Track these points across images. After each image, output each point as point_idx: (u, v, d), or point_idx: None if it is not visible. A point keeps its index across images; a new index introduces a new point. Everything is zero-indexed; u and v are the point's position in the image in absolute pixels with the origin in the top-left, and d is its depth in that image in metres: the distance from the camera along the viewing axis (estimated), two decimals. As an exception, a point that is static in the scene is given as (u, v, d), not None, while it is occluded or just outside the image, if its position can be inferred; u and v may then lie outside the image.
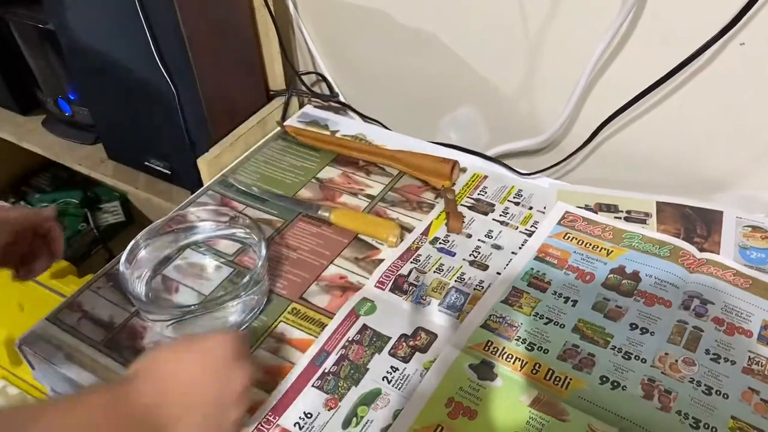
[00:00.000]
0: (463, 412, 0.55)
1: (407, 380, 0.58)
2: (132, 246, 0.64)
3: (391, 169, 0.82)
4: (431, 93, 0.90)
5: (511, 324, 0.61)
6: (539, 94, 0.80)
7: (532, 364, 0.58)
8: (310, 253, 0.71)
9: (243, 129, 0.87)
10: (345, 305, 0.64)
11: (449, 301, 0.64)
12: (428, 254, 0.69)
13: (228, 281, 0.66)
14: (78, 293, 0.68)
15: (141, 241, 0.65)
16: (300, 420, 0.55)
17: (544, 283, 0.65)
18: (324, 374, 0.59)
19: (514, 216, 0.74)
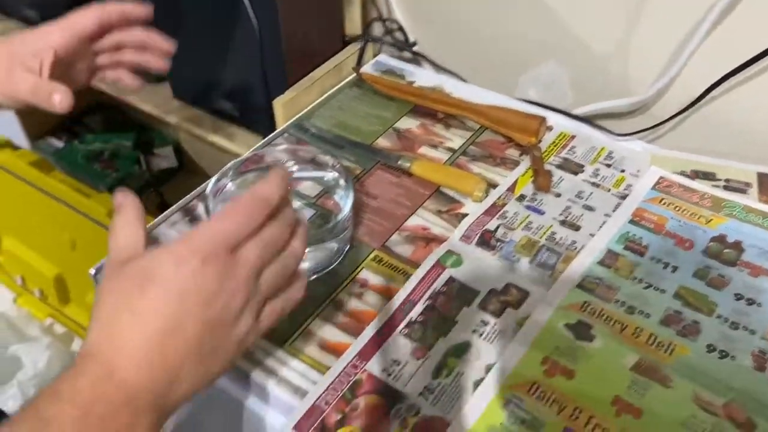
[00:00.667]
0: (560, 371, 0.52)
1: (499, 335, 0.55)
2: (219, 176, 0.62)
3: (471, 122, 0.79)
4: (513, 46, 0.86)
5: (609, 286, 0.58)
6: (636, 53, 0.76)
7: (633, 327, 0.55)
8: (390, 202, 0.68)
9: (319, 73, 0.85)
10: (430, 256, 0.62)
11: (540, 259, 0.61)
12: (515, 211, 0.67)
13: (310, 222, 0.64)
14: (154, 226, 0.66)
15: (229, 172, 0.63)
16: (388, 366, 0.53)
17: (641, 247, 0.62)
18: (411, 323, 0.56)
19: (606, 178, 0.70)
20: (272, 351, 0.55)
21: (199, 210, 0.68)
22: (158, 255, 0.39)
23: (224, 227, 0.39)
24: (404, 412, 0.50)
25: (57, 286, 1.27)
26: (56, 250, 1.22)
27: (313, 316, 0.57)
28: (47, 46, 0.53)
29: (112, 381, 0.36)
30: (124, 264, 0.39)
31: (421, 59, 0.93)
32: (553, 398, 0.51)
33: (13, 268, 1.35)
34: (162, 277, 0.37)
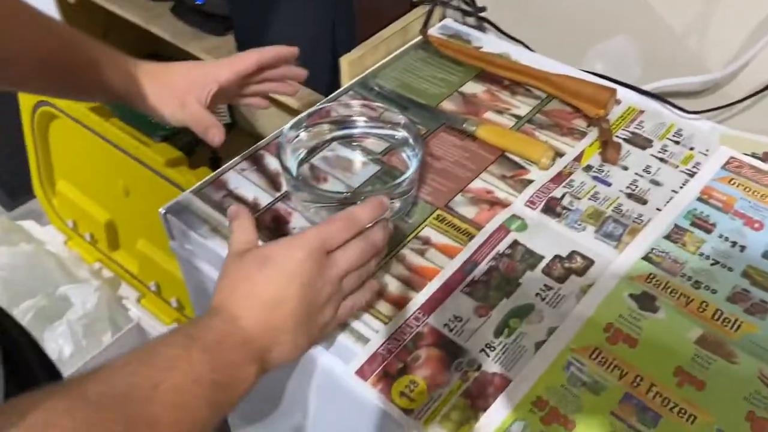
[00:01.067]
0: (623, 338, 0.52)
1: (562, 300, 0.55)
2: (292, 125, 0.62)
3: (537, 91, 0.78)
4: (583, 17, 0.84)
5: (675, 260, 0.58)
6: (712, 31, 0.74)
7: (699, 302, 0.55)
8: (454, 164, 0.68)
9: (386, 33, 0.84)
10: (494, 219, 0.62)
11: (606, 229, 0.61)
12: (582, 181, 0.66)
13: (375, 178, 0.65)
14: (222, 172, 0.68)
15: (302, 123, 0.63)
16: (449, 322, 0.54)
17: (708, 224, 0.61)
18: (473, 282, 0.57)
19: (674, 154, 0.69)
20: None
21: (266, 159, 0.69)
22: (275, 244, 0.48)
23: (324, 233, 0.49)
24: (465, 366, 0.51)
25: (108, 231, 1.30)
26: (109, 197, 1.25)
27: (376, 269, 0.58)
28: (214, 80, 0.62)
29: (236, 324, 0.45)
30: (244, 253, 0.49)
31: (488, 26, 0.92)
32: (615, 364, 0.51)
33: (66, 212, 1.39)
34: (276, 260, 0.47)
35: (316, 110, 0.65)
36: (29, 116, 1.28)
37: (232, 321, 0.45)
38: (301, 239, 0.48)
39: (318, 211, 0.61)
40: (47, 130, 1.30)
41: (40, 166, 1.37)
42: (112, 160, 1.17)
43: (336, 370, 0.53)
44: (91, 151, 1.20)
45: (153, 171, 1.09)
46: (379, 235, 0.52)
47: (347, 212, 0.51)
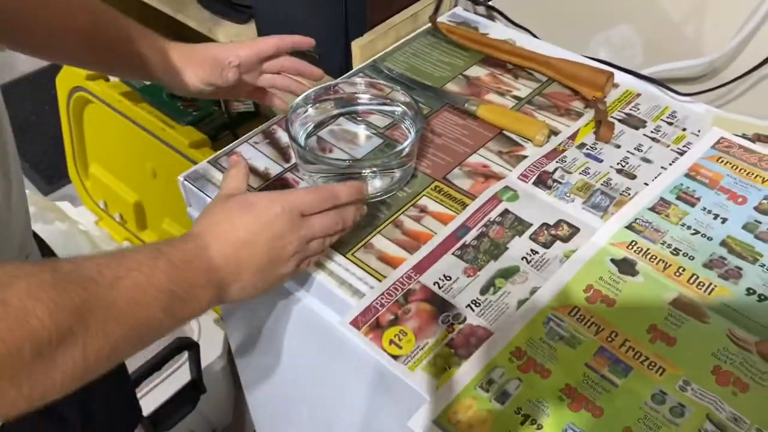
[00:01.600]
0: (601, 299, 0.56)
1: (546, 263, 0.59)
2: (300, 101, 0.67)
3: (540, 75, 0.81)
4: (587, 5, 0.88)
5: (657, 229, 0.61)
6: (711, 16, 0.77)
7: (676, 267, 0.58)
8: (454, 140, 0.72)
9: (396, 19, 0.89)
10: (488, 189, 0.66)
11: (594, 201, 0.64)
12: (574, 157, 0.70)
13: (378, 150, 0.69)
14: (237, 144, 0.73)
15: (310, 98, 0.68)
16: (439, 280, 0.58)
17: (693, 198, 0.64)
18: (464, 246, 0.61)
19: (666, 135, 0.72)
20: (335, 258, 0.60)
21: (277, 134, 0.74)
22: (260, 195, 0.53)
23: (304, 198, 0.54)
24: (452, 319, 0.55)
25: (136, 211, 1.37)
26: (138, 179, 1.32)
27: (375, 232, 0.62)
28: (236, 55, 0.70)
29: (205, 252, 0.49)
30: (230, 197, 0.54)
31: (495, 14, 0.95)
32: (592, 321, 0.54)
33: (98, 193, 1.46)
34: (257, 208, 0.52)
35: (323, 87, 0.70)
36: (65, 102, 1.36)
37: (202, 248, 0.49)
38: (283, 197, 0.53)
39: (325, 179, 0.65)
40: (81, 116, 1.37)
41: (74, 151, 1.44)
42: (141, 143, 1.23)
43: (331, 321, 0.58)
44: (122, 134, 1.27)
45: (179, 152, 1.15)
46: (351, 213, 0.57)
47: (329, 186, 0.56)
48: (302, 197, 0.53)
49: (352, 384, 0.62)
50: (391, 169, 0.64)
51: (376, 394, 0.59)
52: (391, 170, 0.65)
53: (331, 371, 0.67)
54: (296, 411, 0.84)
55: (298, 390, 0.81)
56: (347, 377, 0.62)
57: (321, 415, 0.78)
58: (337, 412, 0.72)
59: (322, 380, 0.71)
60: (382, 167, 0.64)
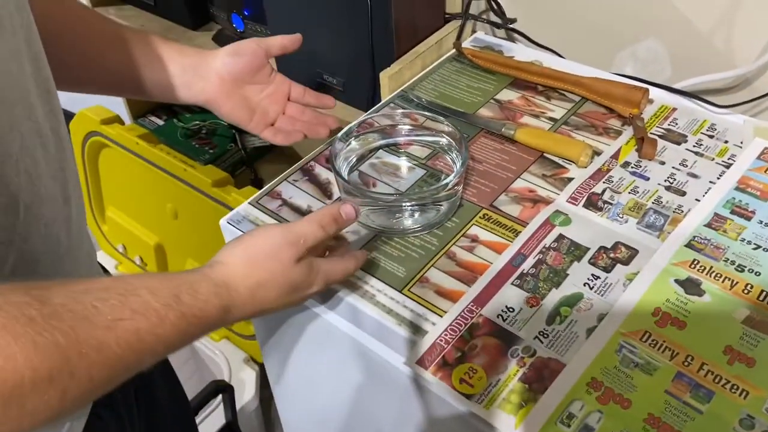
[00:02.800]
0: (671, 322, 0.55)
1: (610, 288, 0.58)
2: (346, 131, 0.66)
3: (571, 95, 0.81)
4: (610, 22, 0.87)
5: (718, 246, 0.60)
6: (739, 26, 0.77)
7: (743, 284, 0.57)
8: (495, 167, 0.72)
9: (422, 48, 0.88)
10: (539, 215, 0.65)
11: (648, 220, 0.63)
12: (621, 176, 0.69)
13: (421, 181, 0.68)
14: (276, 183, 0.71)
15: (352, 132, 0.67)
16: (502, 312, 0.57)
17: (748, 212, 0.63)
18: (522, 275, 0.60)
19: (709, 148, 0.71)
20: (392, 294, 0.59)
21: (316, 170, 0.73)
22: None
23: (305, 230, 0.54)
24: (521, 353, 0.53)
25: (157, 254, 1.35)
26: (158, 220, 1.31)
27: (428, 266, 0.61)
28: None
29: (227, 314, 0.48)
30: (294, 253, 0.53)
31: (518, 36, 0.95)
32: (665, 346, 0.53)
33: (116, 237, 1.44)
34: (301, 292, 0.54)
35: (362, 120, 0.69)
36: (80, 148, 1.35)
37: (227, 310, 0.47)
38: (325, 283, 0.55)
39: (369, 214, 0.64)
40: (97, 160, 1.36)
41: (90, 195, 1.43)
42: (160, 184, 1.22)
43: (393, 362, 0.56)
44: (140, 177, 1.26)
45: (201, 192, 1.14)
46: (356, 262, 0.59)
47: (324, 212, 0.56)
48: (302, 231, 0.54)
49: (414, 427, 0.61)
50: (438, 201, 0.63)
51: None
52: (438, 203, 0.64)
53: (390, 414, 0.65)
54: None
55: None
56: (409, 419, 0.60)
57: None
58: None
59: (379, 424, 0.69)
60: (429, 200, 0.63)
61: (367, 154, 0.71)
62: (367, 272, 0.61)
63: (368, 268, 0.61)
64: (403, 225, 0.64)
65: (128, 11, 1.25)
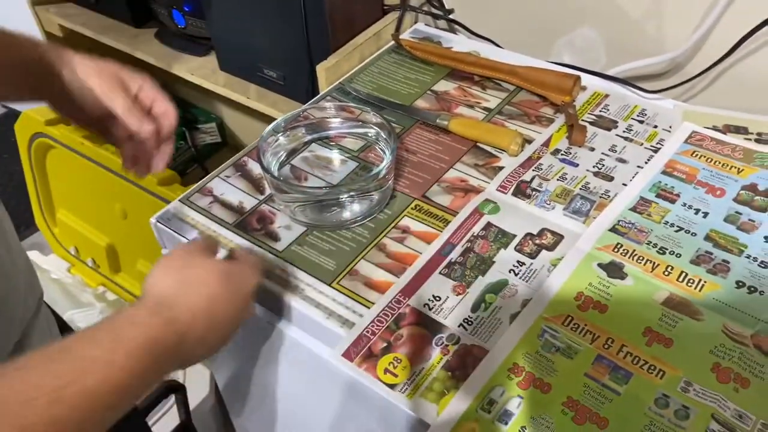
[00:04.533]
0: (593, 305, 0.55)
1: (534, 274, 0.58)
2: (271, 130, 0.66)
3: (507, 84, 0.81)
4: (547, 12, 0.88)
5: (641, 230, 0.61)
6: (670, 13, 0.78)
7: (664, 266, 0.57)
8: (429, 157, 0.72)
9: (359, 40, 0.88)
10: (468, 204, 0.65)
11: (575, 206, 0.64)
12: (550, 164, 0.69)
13: (354, 174, 0.68)
14: (208, 180, 0.71)
15: (280, 127, 0.67)
16: (429, 301, 0.57)
17: (672, 195, 0.64)
18: (450, 264, 0.60)
19: (639, 133, 0.72)
20: (321, 288, 0.59)
21: (249, 165, 0.72)
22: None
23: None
24: (445, 341, 0.54)
25: (109, 255, 1.33)
26: (108, 221, 1.29)
27: (359, 258, 0.61)
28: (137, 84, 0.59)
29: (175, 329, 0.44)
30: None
31: (457, 27, 0.96)
32: (587, 329, 0.54)
33: (67, 240, 1.42)
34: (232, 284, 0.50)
35: (293, 115, 0.69)
36: (26, 149, 1.32)
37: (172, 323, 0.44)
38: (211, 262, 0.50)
39: (302, 208, 0.64)
40: (44, 162, 1.34)
41: (40, 198, 1.40)
42: (108, 184, 1.20)
43: (322, 355, 0.56)
44: (88, 177, 1.24)
45: (148, 192, 1.13)
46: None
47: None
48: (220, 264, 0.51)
49: (347, 416, 0.61)
50: (369, 192, 0.63)
51: (374, 424, 0.57)
52: (369, 193, 0.63)
53: (324, 404, 0.65)
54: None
55: (289, 424, 0.78)
56: (342, 409, 0.60)
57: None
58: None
59: (315, 413, 0.69)
60: (359, 191, 0.63)
61: (299, 147, 0.70)
62: (297, 267, 0.61)
63: (299, 262, 0.61)
64: (335, 218, 0.64)
65: (69, 9, 1.23)
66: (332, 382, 0.57)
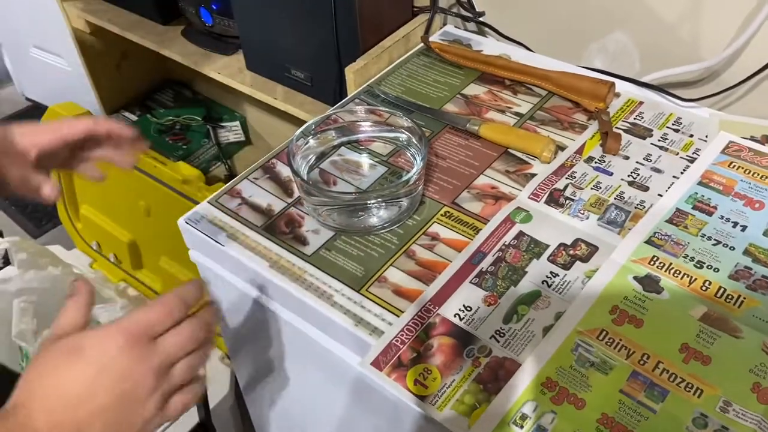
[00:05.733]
0: (628, 319, 0.54)
1: (568, 286, 0.57)
2: (300, 133, 0.65)
3: (538, 89, 0.80)
4: (580, 16, 0.87)
5: (678, 242, 0.60)
6: (706, 19, 0.76)
7: (702, 281, 0.56)
8: (459, 163, 0.71)
9: (388, 42, 0.87)
10: (500, 212, 0.64)
11: (609, 216, 0.63)
12: (584, 172, 0.68)
13: (383, 178, 0.67)
14: (236, 181, 0.70)
15: (310, 130, 0.66)
16: (460, 311, 0.56)
17: (709, 207, 0.63)
18: (481, 273, 0.59)
19: (674, 142, 0.71)
20: (349, 294, 0.58)
21: (277, 167, 0.71)
22: (89, 334, 0.43)
23: (148, 317, 0.44)
24: (476, 352, 0.53)
25: (131, 251, 1.34)
26: (131, 218, 1.29)
27: (387, 265, 0.60)
28: (32, 144, 0.58)
29: (29, 427, 0.40)
30: (59, 338, 0.44)
31: (487, 30, 0.94)
32: (621, 344, 0.52)
33: (90, 235, 1.43)
34: (86, 352, 0.42)
35: (323, 118, 0.68)
36: (51, 144, 1.33)
37: (23, 424, 0.39)
38: (117, 327, 0.43)
39: (330, 213, 0.63)
40: (69, 157, 1.35)
41: (63, 193, 1.41)
42: (132, 181, 1.21)
43: (351, 363, 0.56)
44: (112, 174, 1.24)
45: (172, 189, 1.13)
46: (209, 315, 0.48)
47: (169, 294, 0.46)
48: (143, 319, 0.44)
49: (371, 424, 0.60)
50: (398, 198, 0.63)
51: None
52: (398, 199, 0.63)
53: (347, 411, 0.64)
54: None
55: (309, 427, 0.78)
56: (366, 417, 0.60)
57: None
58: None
59: (337, 419, 0.68)
60: (389, 197, 0.62)
61: (328, 151, 0.70)
62: (325, 272, 0.60)
63: (327, 267, 0.60)
64: (363, 223, 0.63)
65: (97, 6, 1.23)
66: (357, 389, 0.57)
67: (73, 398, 0.40)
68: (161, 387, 0.43)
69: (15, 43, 1.90)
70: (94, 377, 0.41)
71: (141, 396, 0.42)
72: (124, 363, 0.42)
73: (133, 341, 0.42)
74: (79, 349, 0.42)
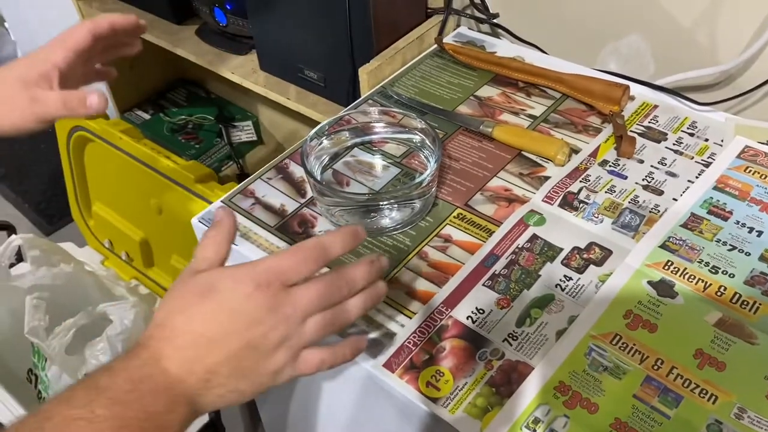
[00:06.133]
0: (642, 324, 0.54)
1: (581, 289, 0.57)
2: (314, 134, 0.65)
3: (552, 91, 0.80)
4: (594, 18, 0.86)
5: (692, 247, 0.59)
6: (722, 23, 0.76)
7: (717, 286, 0.56)
8: (472, 165, 0.71)
9: (402, 43, 0.87)
10: (513, 215, 0.64)
11: (623, 220, 0.62)
12: (598, 175, 0.68)
13: (396, 180, 0.67)
14: (250, 181, 0.71)
15: (324, 130, 0.66)
16: (472, 314, 0.56)
17: (725, 212, 0.62)
18: (494, 275, 0.59)
19: (689, 146, 0.70)
20: (362, 296, 0.58)
21: (290, 168, 0.72)
22: (222, 273, 0.43)
23: (282, 263, 0.42)
24: (489, 355, 0.53)
25: (143, 249, 1.34)
26: (143, 216, 1.30)
27: (400, 266, 0.60)
28: (52, 66, 0.57)
29: (158, 366, 0.40)
30: (196, 273, 0.43)
31: (501, 31, 0.94)
32: (635, 349, 0.52)
33: (102, 232, 1.44)
34: (220, 292, 0.41)
35: (336, 118, 0.68)
36: (65, 142, 1.34)
37: (154, 362, 0.39)
38: (252, 270, 0.42)
39: (343, 213, 0.63)
40: (82, 155, 1.35)
41: (76, 190, 1.42)
42: (144, 180, 1.21)
43: (363, 364, 0.55)
44: (125, 172, 1.25)
45: (184, 188, 1.13)
46: (359, 271, 0.45)
47: (313, 240, 0.44)
48: (277, 264, 0.42)
49: (380, 425, 0.60)
50: (411, 200, 0.63)
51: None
52: (411, 201, 0.63)
53: (356, 411, 0.64)
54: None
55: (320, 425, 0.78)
56: (375, 417, 0.60)
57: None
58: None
59: (350, 422, 0.68)
60: (402, 199, 0.62)
61: (342, 152, 0.70)
62: (337, 272, 0.60)
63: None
64: (376, 224, 0.63)
65: (111, 4, 1.24)
66: (368, 390, 0.56)
67: (204, 339, 0.40)
68: (289, 340, 0.42)
69: (30, 41, 1.92)
70: (227, 321, 0.40)
71: (270, 345, 0.41)
72: (255, 309, 0.41)
73: (264, 288, 0.41)
74: (212, 289, 0.41)
